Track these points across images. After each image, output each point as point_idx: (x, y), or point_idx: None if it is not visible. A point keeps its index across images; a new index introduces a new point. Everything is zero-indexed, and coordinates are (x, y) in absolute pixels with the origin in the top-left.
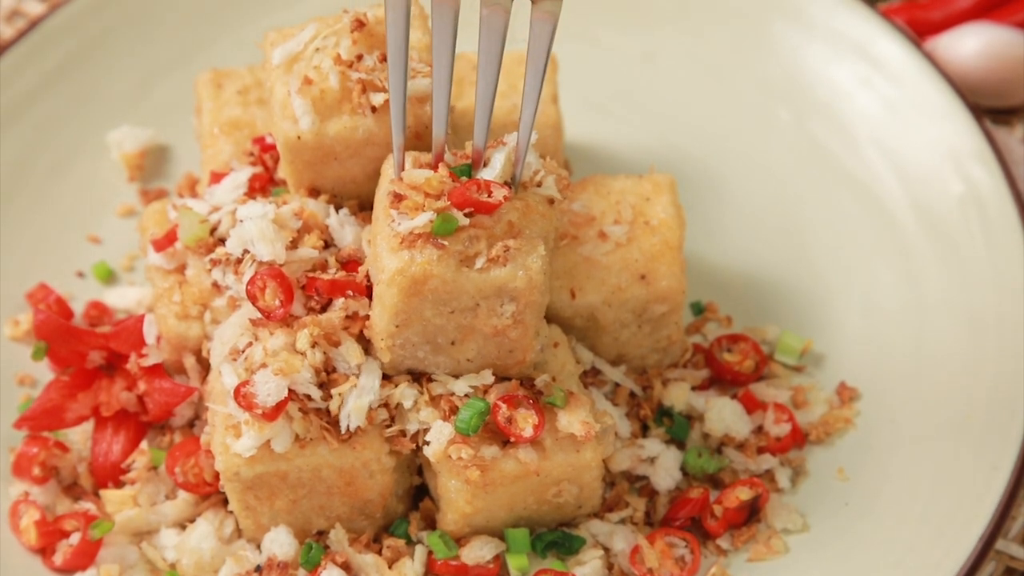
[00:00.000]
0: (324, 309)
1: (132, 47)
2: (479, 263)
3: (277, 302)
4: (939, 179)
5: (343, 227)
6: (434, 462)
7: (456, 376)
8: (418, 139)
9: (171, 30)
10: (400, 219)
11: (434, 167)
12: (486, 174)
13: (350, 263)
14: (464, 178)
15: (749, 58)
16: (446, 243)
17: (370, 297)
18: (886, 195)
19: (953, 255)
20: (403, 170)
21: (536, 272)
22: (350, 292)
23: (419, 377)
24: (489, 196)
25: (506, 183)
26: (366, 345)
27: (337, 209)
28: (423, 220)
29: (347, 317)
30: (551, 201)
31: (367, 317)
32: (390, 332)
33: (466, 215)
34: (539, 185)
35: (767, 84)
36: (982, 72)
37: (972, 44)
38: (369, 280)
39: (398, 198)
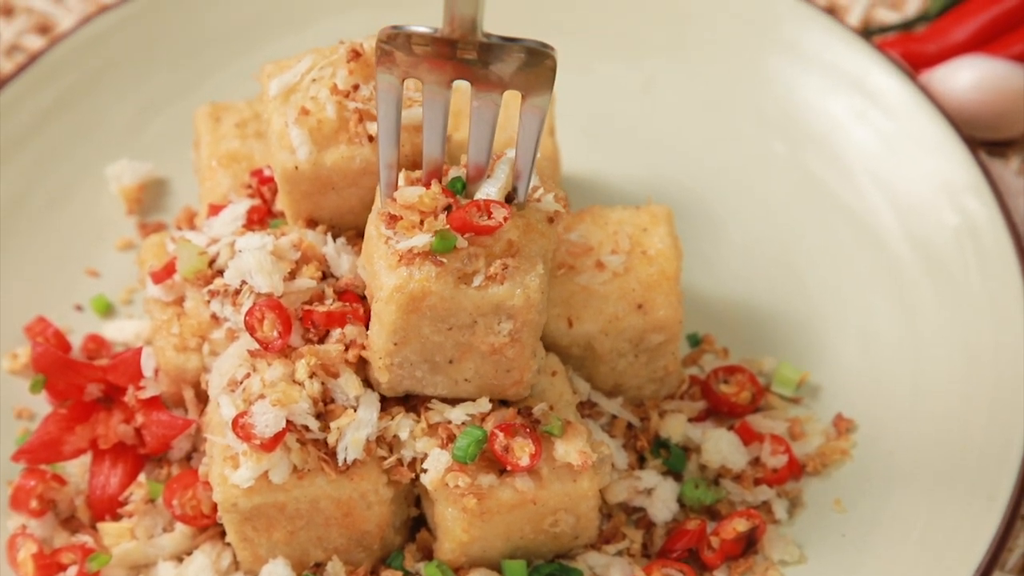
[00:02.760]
0: (322, 340)
1: (130, 81)
2: (477, 280)
3: (275, 333)
4: (935, 211)
5: (339, 255)
6: (431, 490)
7: (454, 398)
8: (414, 168)
9: (169, 64)
10: (398, 237)
11: (426, 184)
12: (488, 187)
13: (347, 293)
14: (459, 196)
15: (745, 90)
16: (444, 260)
17: (367, 325)
18: (882, 227)
19: (949, 287)
20: (395, 190)
21: (534, 291)
22: (349, 317)
23: (416, 406)
24: (489, 217)
25: (507, 199)
26: (364, 375)
27: (334, 238)
28: (422, 240)
29: (345, 347)
30: (551, 219)
31: (363, 346)
32: (388, 350)
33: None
34: (539, 201)
35: (763, 116)
36: (977, 105)
37: (967, 77)
38: (367, 309)
39: (393, 219)
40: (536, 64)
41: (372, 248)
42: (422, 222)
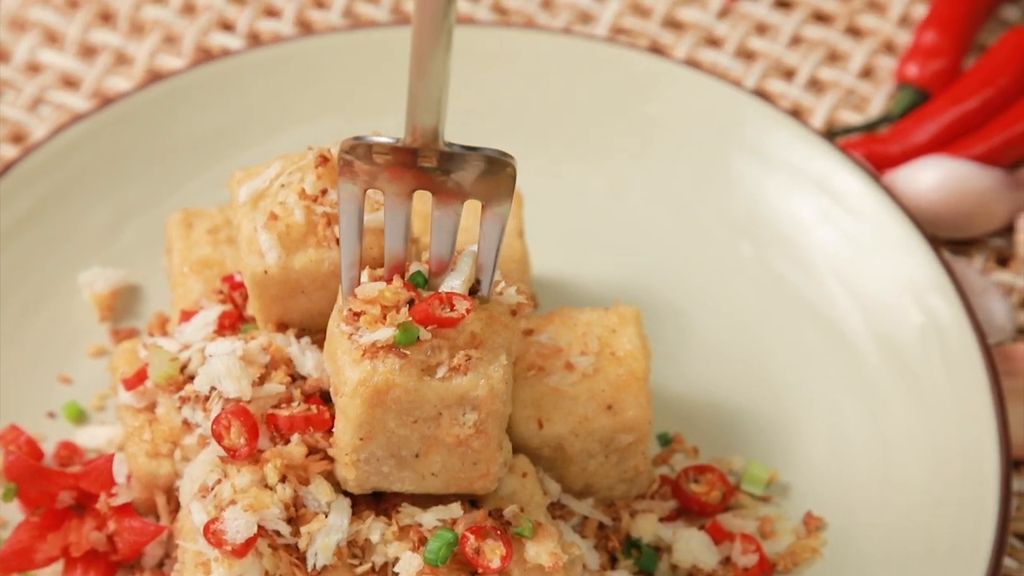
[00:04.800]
0: (287, 442)
1: (103, 189)
2: (441, 372)
3: (242, 440)
4: (900, 310)
5: (304, 353)
6: None
7: (422, 495)
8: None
9: (141, 173)
10: (361, 332)
11: (388, 279)
12: (451, 280)
13: (313, 396)
14: (422, 290)
15: (711, 192)
16: (408, 353)
17: (330, 430)
18: (848, 327)
19: (915, 385)
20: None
21: (497, 381)
22: (311, 428)
23: (387, 509)
24: (452, 309)
25: (470, 292)
26: (336, 481)
27: (300, 339)
28: (385, 334)
29: (309, 451)
30: (514, 312)
31: (326, 452)
32: (355, 446)
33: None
34: (501, 295)
35: (729, 218)
36: (940, 205)
37: (930, 177)
38: (332, 413)
39: (355, 315)
40: (496, 173)
41: (335, 345)
42: (384, 316)
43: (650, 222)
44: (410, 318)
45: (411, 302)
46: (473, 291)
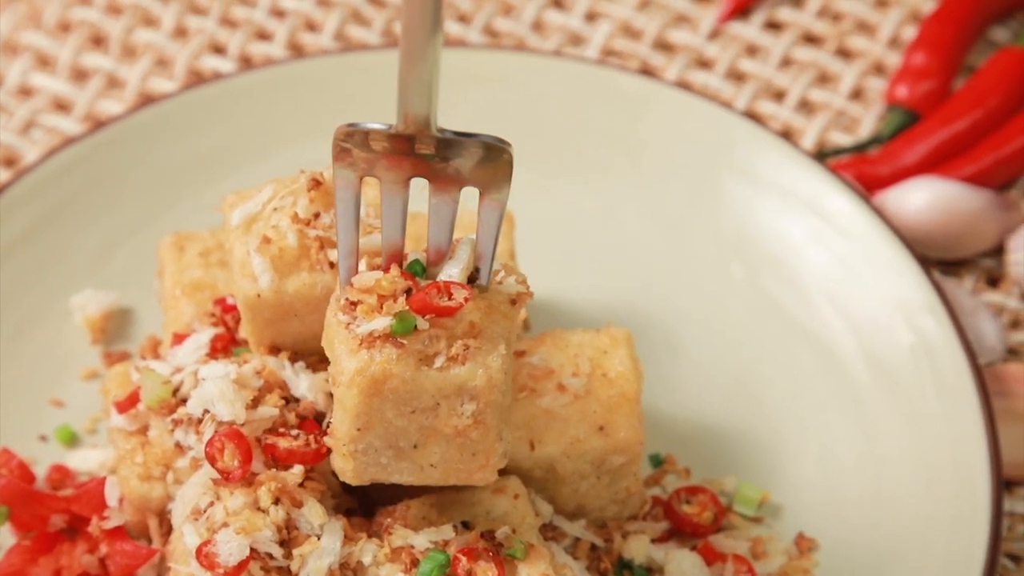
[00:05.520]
0: (288, 468)
1: (95, 213)
2: (439, 362)
3: (235, 463)
4: (890, 330)
5: (298, 376)
6: None
7: (419, 486)
8: None
9: (133, 196)
10: (358, 322)
11: (385, 268)
12: (449, 268)
13: (307, 422)
14: (419, 278)
15: (702, 214)
16: (405, 342)
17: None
18: (838, 347)
19: (906, 405)
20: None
21: (496, 371)
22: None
23: (379, 531)
24: (450, 299)
25: (469, 280)
26: (329, 504)
27: (293, 362)
28: (382, 323)
29: (305, 478)
30: (513, 301)
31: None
32: (352, 437)
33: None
34: (500, 284)
35: (720, 239)
36: (930, 225)
37: (920, 198)
38: (326, 445)
39: (352, 305)
40: (494, 159)
41: (332, 335)
42: (381, 305)
43: (641, 243)
44: (407, 307)
45: (409, 291)
46: (472, 280)
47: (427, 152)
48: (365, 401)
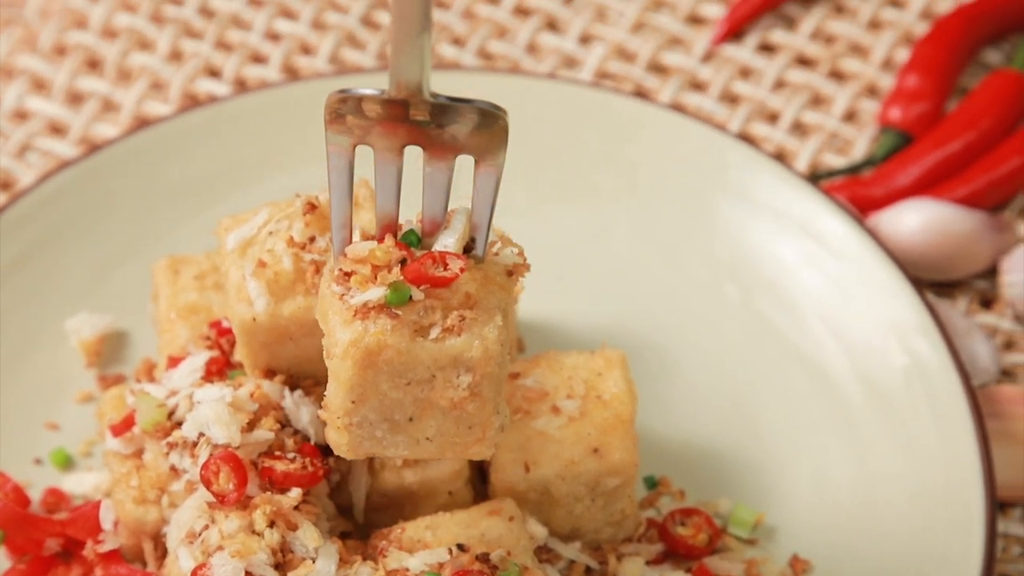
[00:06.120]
0: (284, 491)
1: (90, 236)
2: (434, 333)
3: (231, 486)
4: (884, 352)
5: (298, 408)
6: None
7: (416, 460)
8: None
9: (128, 219)
10: (352, 293)
11: (380, 239)
12: (445, 238)
13: (306, 445)
14: (414, 249)
15: (696, 235)
16: (400, 313)
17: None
18: (832, 368)
19: (900, 427)
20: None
21: (492, 342)
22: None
23: (374, 554)
24: (445, 269)
25: (464, 251)
26: (324, 527)
27: (292, 388)
28: (376, 294)
29: (301, 502)
30: (510, 273)
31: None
32: (346, 409)
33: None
34: (497, 255)
35: (714, 261)
36: (923, 247)
37: (913, 220)
38: (327, 470)
39: (346, 276)
40: (489, 126)
41: (326, 306)
42: (376, 276)
43: (636, 265)
44: (402, 277)
45: (403, 261)
46: (467, 250)
47: (421, 118)
48: (359, 373)
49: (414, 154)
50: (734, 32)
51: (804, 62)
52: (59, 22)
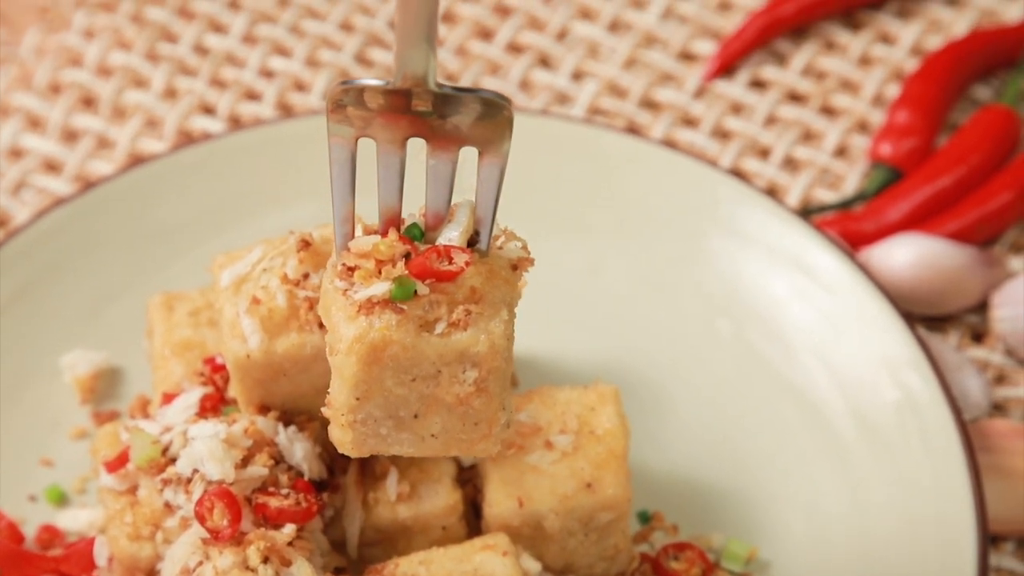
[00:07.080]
0: (278, 527)
1: (84, 273)
2: (439, 328)
3: (225, 522)
4: (875, 386)
5: (292, 444)
6: None
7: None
8: None
9: (122, 256)
10: (356, 288)
11: (383, 233)
12: (449, 231)
13: (300, 481)
14: (418, 243)
15: (688, 270)
16: (405, 308)
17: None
18: (824, 402)
19: (892, 461)
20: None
21: (499, 337)
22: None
23: None
24: (450, 263)
25: (469, 244)
26: (318, 561)
27: (286, 425)
28: (381, 289)
29: (296, 538)
30: (515, 267)
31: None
32: (351, 406)
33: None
34: (501, 249)
35: (706, 295)
36: (915, 281)
37: (904, 254)
38: (320, 505)
39: (349, 270)
40: (493, 116)
41: (329, 301)
42: (380, 270)
43: (628, 300)
44: (406, 272)
45: (407, 255)
46: (472, 244)
47: (424, 109)
48: (364, 369)
49: (417, 147)
50: (725, 68)
51: (795, 98)
52: (54, 60)
